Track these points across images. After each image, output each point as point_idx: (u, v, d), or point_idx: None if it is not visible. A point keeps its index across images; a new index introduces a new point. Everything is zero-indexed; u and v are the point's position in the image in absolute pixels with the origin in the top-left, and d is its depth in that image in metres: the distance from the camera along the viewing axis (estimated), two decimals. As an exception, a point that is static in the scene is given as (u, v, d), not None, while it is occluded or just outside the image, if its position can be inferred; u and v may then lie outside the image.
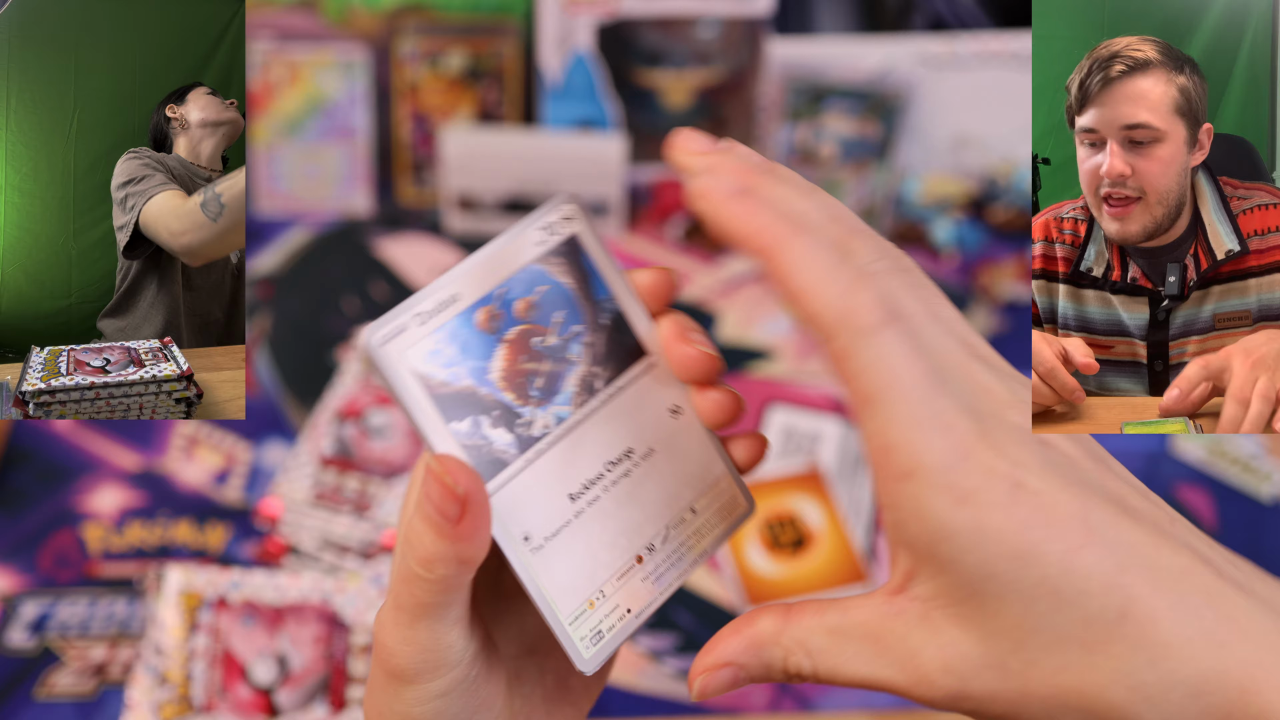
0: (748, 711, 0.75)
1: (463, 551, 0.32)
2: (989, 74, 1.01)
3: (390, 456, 0.84)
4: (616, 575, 0.37)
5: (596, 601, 0.37)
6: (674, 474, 0.39)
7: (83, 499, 0.85)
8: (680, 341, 0.37)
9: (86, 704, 0.74)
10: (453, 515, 0.32)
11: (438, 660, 0.34)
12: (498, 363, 0.36)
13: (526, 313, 0.37)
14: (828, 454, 0.90)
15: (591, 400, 0.37)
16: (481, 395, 0.36)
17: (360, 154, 1.08)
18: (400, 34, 1.07)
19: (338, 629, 0.74)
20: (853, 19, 1.10)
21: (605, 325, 0.37)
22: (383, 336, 0.34)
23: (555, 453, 0.37)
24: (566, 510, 0.37)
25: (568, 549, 0.37)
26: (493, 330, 0.36)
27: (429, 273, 1.03)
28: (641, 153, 1.09)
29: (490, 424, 0.36)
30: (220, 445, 0.90)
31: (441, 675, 0.35)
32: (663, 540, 0.38)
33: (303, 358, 0.96)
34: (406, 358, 0.35)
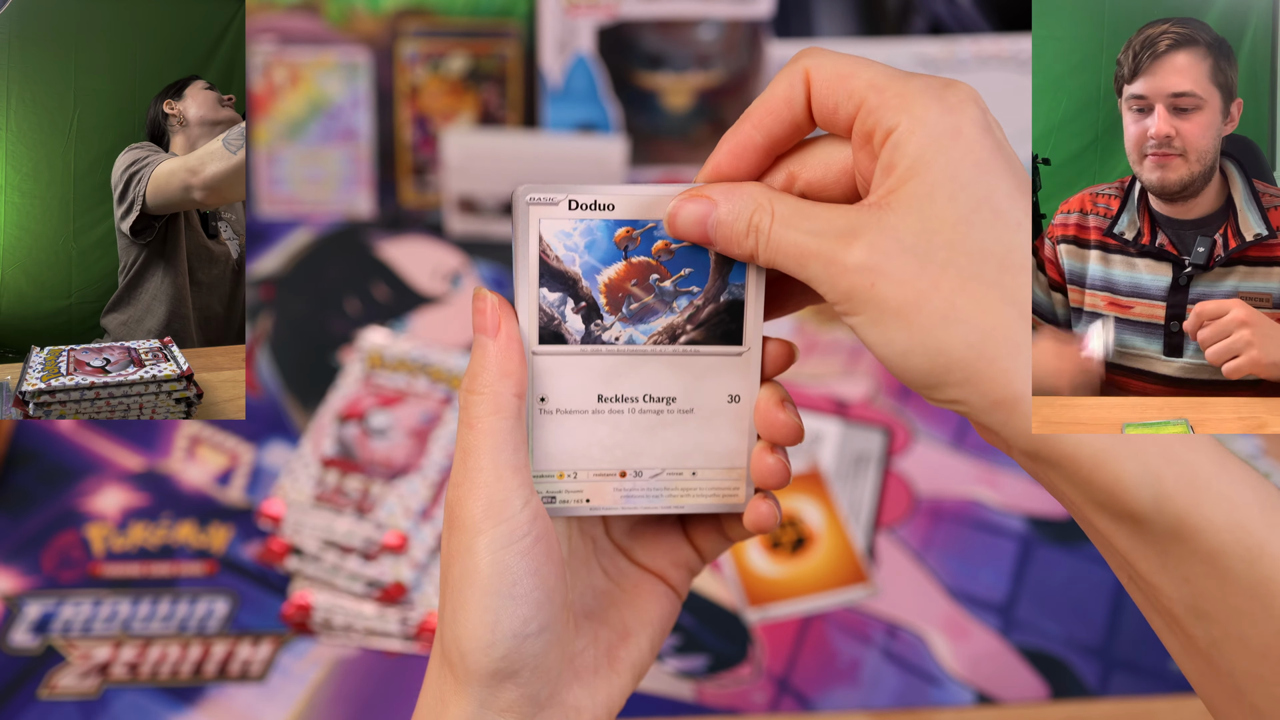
0: (748, 711, 0.75)
1: (503, 363, 0.39)
2: (988, 76, 1.01)
3: (392, 457, 0.84)
4: (596, 471, 0.42)
5: (566, 475, 0.42)
6: (697, 438, 0.42)
7: (86, 500, 0.85)
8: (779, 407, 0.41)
9: (90, 704, 0.74)
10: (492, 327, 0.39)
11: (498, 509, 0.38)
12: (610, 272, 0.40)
13: (659, 253, 0.40)
14: (827, 454, 0.91)
15: (668, 346, 0.41)
16: (581, 286, 0.40)
17: (362, 156, 1.08)
18: (402, 37, 1.07)
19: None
20: (852, 22, 1.10)
21: (721, 302, 0.41)
22: (533, 199, 0.39)
23: (610, 360, 0.41)
24: (589, 403, 0.41)
25: (571, 428, 0.41)
26: (623, 248, 0.40)
27: (430, 274, 1.04)
28: (642, 155, 1.09)
29: (572, 309, 0.40)
30: (222, 446, 0.90)
31: (502, 523, 0.38)
32: (653, 475, 0.42)
33: (304, 359, 0.96)
34: (541, 223, 0.39)
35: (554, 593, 0.39)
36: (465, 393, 0.39)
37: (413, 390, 0.89)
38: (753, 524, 0.42)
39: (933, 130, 0.34)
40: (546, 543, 0.39)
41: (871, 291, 0.34)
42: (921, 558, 0.84)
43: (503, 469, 0.38)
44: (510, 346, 0.39)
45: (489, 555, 0.38)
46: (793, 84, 0.38)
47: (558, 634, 0.40)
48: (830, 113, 0.37)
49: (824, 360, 0.98)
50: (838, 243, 0.35)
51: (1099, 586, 0.83)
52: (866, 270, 0.34)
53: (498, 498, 0.38)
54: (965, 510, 0.87)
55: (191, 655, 0.77)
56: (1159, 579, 0.35)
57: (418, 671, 0.77)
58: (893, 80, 0.36)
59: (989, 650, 0.79)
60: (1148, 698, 0.77)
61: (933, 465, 0.90)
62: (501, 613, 0.38)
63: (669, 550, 0.45)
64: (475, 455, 0.39)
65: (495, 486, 0.38)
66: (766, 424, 0.41)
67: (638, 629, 0.44)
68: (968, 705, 0.76)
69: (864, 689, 0.77)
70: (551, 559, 0.39)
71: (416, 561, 0.79)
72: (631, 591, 0.45)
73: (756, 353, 0.41)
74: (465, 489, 0.39)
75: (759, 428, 0.42)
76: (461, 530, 0.38)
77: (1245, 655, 0.35)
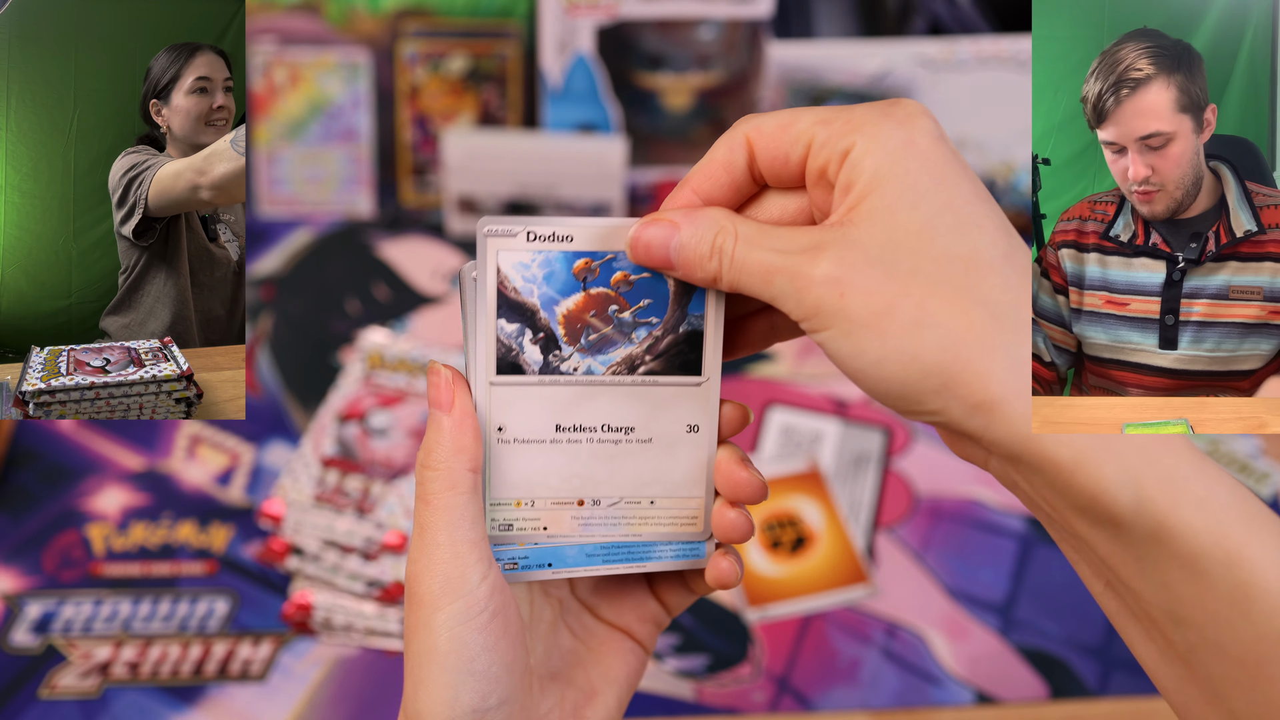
0: (748, 711, 0.75)
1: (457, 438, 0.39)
2: (988, 76, 1.01)
3: (392, 457, 0.84)
4: (553, 499, 0.42)
5: (524, 504, 0.42)
6: (655, 468, 0.42)
7: (86, 499, 0.85)
8: (740, 466, 0.41)
9: (90, 703, 0.74)
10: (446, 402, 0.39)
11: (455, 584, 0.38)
12: (569, 304, 0.40)
13: (618, 284, 0.40)
14: (827, 454, 0.91)
15: (627, 376, 0.41)
16: (539, 317, 0.40)
17: (362, 156, 1.08)
18: (402, 37, 1.07)
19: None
20: (852, 22, 1.11)
21: (680, 333, 0.41)
22: (490, 230, 0.39)
23: (568, 391, 0.41)
24: (547, 432, 0.41)
25: (529, 457, 0.41)
26: (582, 279, 0.40)
27: (430, 274, 1.04)
28: (642, 155, 1.09)
29: (530, 339, 0.40)
30: (223, 446, 0.90)
31: (459, 599, 0.38)
32: (610, 504, 0.42)
33: (305, 358, 0.96)
34: (500, 254, 0.40)
35: (513, 665, 0.39)
36: (421, 468, 0.39)
37: (413, 390, 0.89)
38: (715, 580, 0.42)
39: (887, 144, 0.35)
40: (504, 616, 0.39)
41: (840, 303, 0.34)
42: (921, 557, 0.84)
43: (459, 544, 0.39)
44: (464, 422, 0.39)
45: (446, 631, 0.38)
46: (732, 148, 0.39)
47: (520, 703, 0.40)
48: (780, 164, 0.38)
49: (824, 360, 0.98)
50: (803, 257, 0.35)
51: (1099, 586, 0.83)
52: (834, 282, 0.34)
53: (454, 573, 0.38)
54: (965, 510, 0.87)
55: (192, 655, 0.77)
56: (1138, 583, 0.35)
57: (418, 671, 0.77)
58: (838, 112, 0.36)
59: (989, 650, 0.79)
60: (1147, 697, 0.77)
61: (932, 465, 0.90)
62: (460, 689, 0.38)
63: (635, 605, 0.45)
64: (432, 531, 0.39)
65: (452, 562, 0.38)
66: (730, 483, 0.42)
67: (604, 688, 0.44)
68: (967, 705, 0.76)
69: (864, 689, 0.77)
70: (509, 632, 0.39)
71: (417, 561, 0.79)
72: (598, 650, 0.45)
73: (716, 383, 0.41)
74: (423, 565, 0.39)
75: (721, 488, 0.42)
76: (419, 605, 0.39)
77: (1223, 660, 0.35)
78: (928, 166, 0.35)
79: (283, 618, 0.78)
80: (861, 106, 0.36)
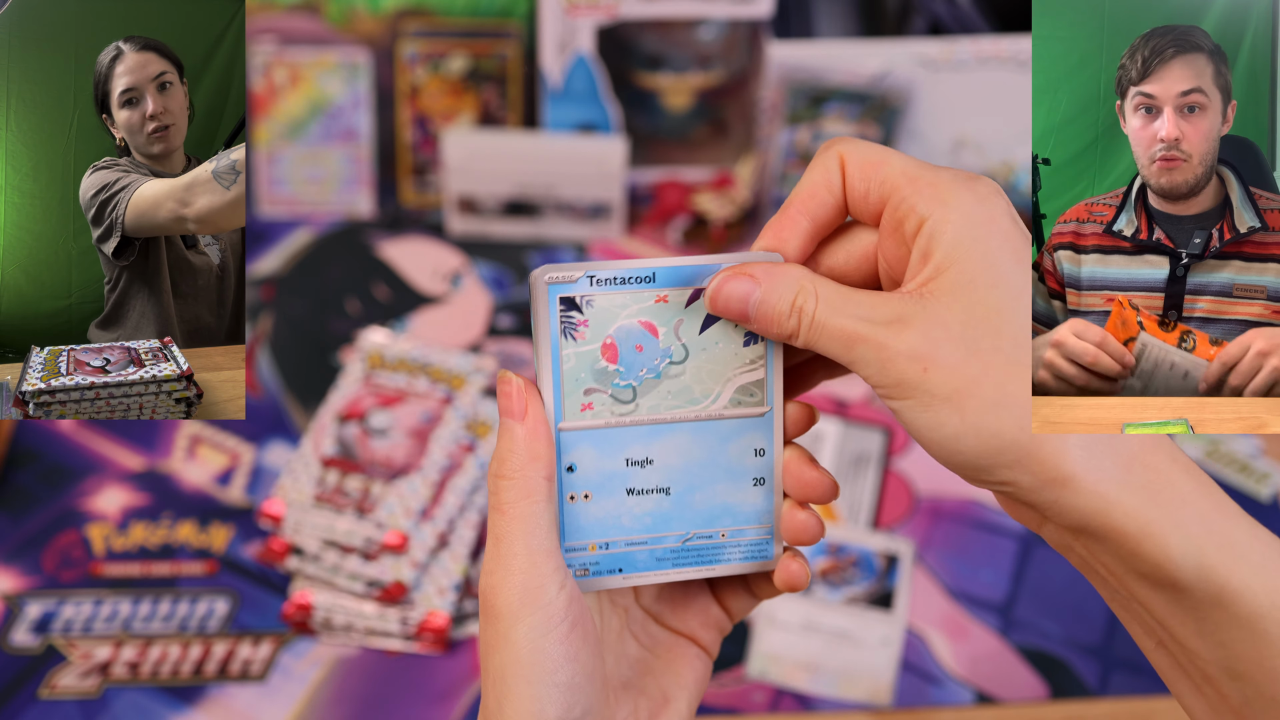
0: (748, 711, 0.75)
1: (531, 446, 0.39)
2: (987, 76, 1.01)
3: (392, 457, 0.84)
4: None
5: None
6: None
7: (86, 499, 0.85)
8: (809, 466, 0.42)
9: (90, 703, 0.74)
10: (519, 411, 0.39)
11: (534, 595, 0.38)
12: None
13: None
14: (827, 454, 0.91)
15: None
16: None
17: (362, 156, 1.08)
18: (402, 37, 1.07)
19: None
20: (852, 22, 1.11)
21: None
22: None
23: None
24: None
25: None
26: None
27: (431, 274, 1.04)
28: (642, 155, 1.09)
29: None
30: (223, 446, 0.90)
31: (539, 610, 0.38)
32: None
33: (305, 358, 0.96)
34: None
35: (594, 675, 0.40)
36: (495, 478, 0.39)
37: (413, 390, 0.89)
38: (784, 583, 0.43)
39: (968, 219, 0.36)
40: (583, 626, 0.39)
41: (923, 378, 0.35)
42: (921, 558, 0.84)
43: (536, 554, 0.39)
44: (538, 430, 0.39)
45: (528, 644, 0.38)
46: (829, 169, 0.39)
47: (600, 714, 0.40)
48: (861, 197, 0.39)
49: (824, 360, 0.98)
50: (887, 330, 0.36)
51: (1099, 586, 0.83)
52: (918, 357, 0.35)
53: (533, 584, 0.38)
54: (965, 510, 0.87)
55: (192, 655, 0.77)
56: (1195, 643, 0.37)
57: (418, 671, 0.77)
58: (924, 170, 0.37)
59: (989, 650, 0.79)
60: (1147, 697, 0.77)
61: (932, 465, 0.90)
62: (545, 701, 0.38)
63: (698, 612, 0.46)
64: (508, 541, 0.39)
65: (530, 573, 0.38)
66: (798, 483, 0.42)
67: (676, 694, 0.44)
68: (967, 705, 0.76)
69: (864, 689, 0.77)
70: (588, 641, 0.40)
71: (417, 561, 0.79)
72: (665, 657, 0.45)
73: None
74: (499, 576, 0.39)
75: (789, 488, 0.43)
76: (498, 618, 0.39)
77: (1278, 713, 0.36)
78: (1007, 246, 0.36)
79: (283, 618, 0.78)
80: (947, 171, 0.37)
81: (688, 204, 1.08)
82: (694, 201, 1.08)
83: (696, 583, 0.46)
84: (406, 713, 0.75)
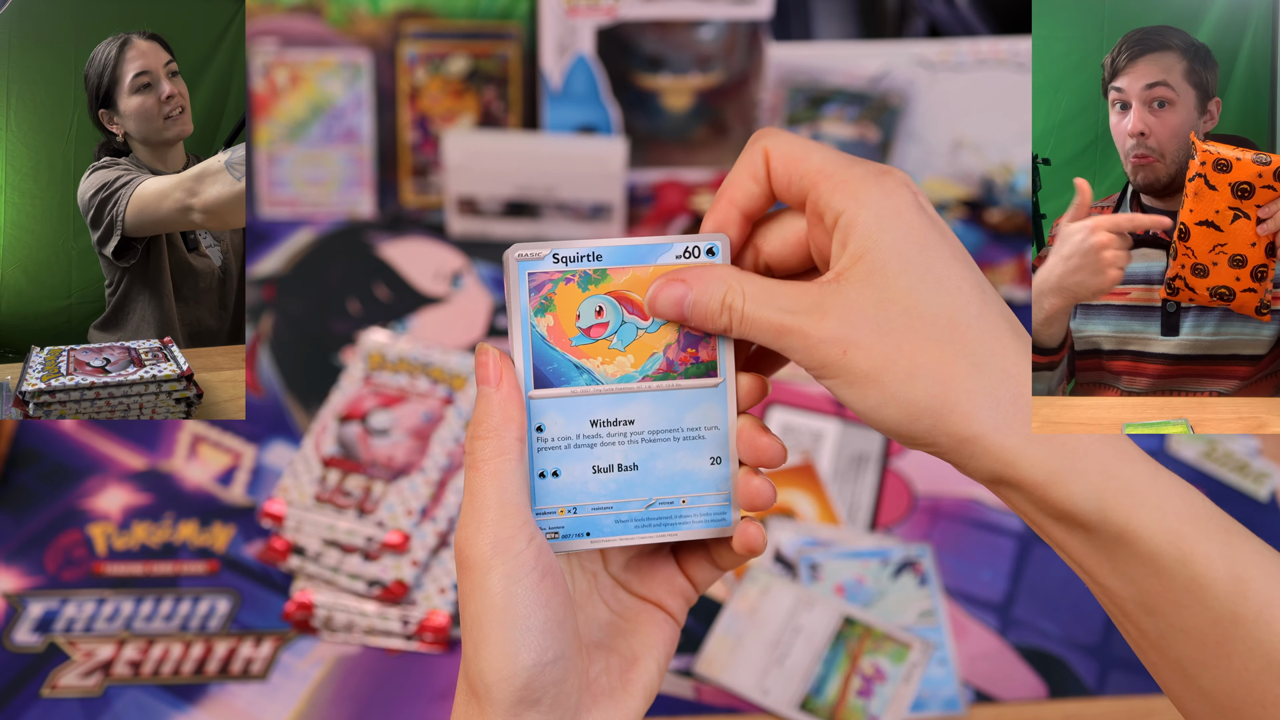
0: (748, 711, 0.76)
1: (505, 409, 0.42)
2: (986, 77, 1.02)
3: (393, 457, 0.84)
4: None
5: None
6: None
7: (88, 499, 0.86)
8: (760, 432, 0.45)
9: (92, 702, 0.74)
10: (494, 379, 0.43)
11: (505, 545, 0.41)
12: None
13: None
14: (826, 454, 0.91)
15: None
16: None
17: (363, 157, 1.08)
18: (403, 38, 1.07)
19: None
20: (851, 23, 1.11)
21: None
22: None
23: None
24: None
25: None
26: None
27: (431, 275, 1.04)
28: (642, 156, 1.09)
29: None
30: (224, 446, 0.90)
31: (510, 559, 0.41)
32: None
33: (306, 359, 0.96)
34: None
35: (565, 622, 0.42)
36: (471, 439, 0.43)
37: (414, 390, 0.89)
38: (742, 545, 0.46)
39: (877, 213, 0.40)
40: (553, 576, 0.42)
41: (844, 359, 0.40)
42: (921, 557, 0.84)
43: (507, 506, 0.41)
44: (511, 395, 0.43)
45: (501, 590, 0.41)
46: (755, 163, 0.44)
47: (573, 661, 0.42)
48: (785, 188, 0.43)
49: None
50: (809, 319, 0.41)
51: (1098, 586, 0.83)
52: (837, 341, 0.40)
53: (504, 534, 0.41)
54: (964, 509, 0.88)
55: (193, 654, 0.77)
56: (1109, 580, 0.41)
57: (419, 670, 0.77)
58: (839, 167, 0.42)
59: (987, 649, 0.79)
60: (1145, 696, 0.77)
61: (932, 465, 0.90)
62: (519, 644, 0.40)
63: (664, 581, 0.48)
64: (481, 495, 0.42)
65: (502, 524, 0.41)
66: (751, 449, 0.45)
67: (644, 654, 0.46)
68: (967, 704, 0.76)
69: (864, 687, 0.77)
70: (559, 590, 0.42)
71: (417, 560, 0.79)
72: (633, 621, 0.47)
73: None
74: (473, 528, 0.41)
75: (743, 454, 0.46)
76: (471, 568, 0.41)
77: (1187, 643, 0.40)
78: (912, 235, 0.40)
79: (284, 617, 0.79)
80: (859, 168, 0.42)
81: (688, 205, 1.08)
82: (694, 202, 1.08)
83: (662, 552, 0.48)
84: (407, 711, 0.75)
